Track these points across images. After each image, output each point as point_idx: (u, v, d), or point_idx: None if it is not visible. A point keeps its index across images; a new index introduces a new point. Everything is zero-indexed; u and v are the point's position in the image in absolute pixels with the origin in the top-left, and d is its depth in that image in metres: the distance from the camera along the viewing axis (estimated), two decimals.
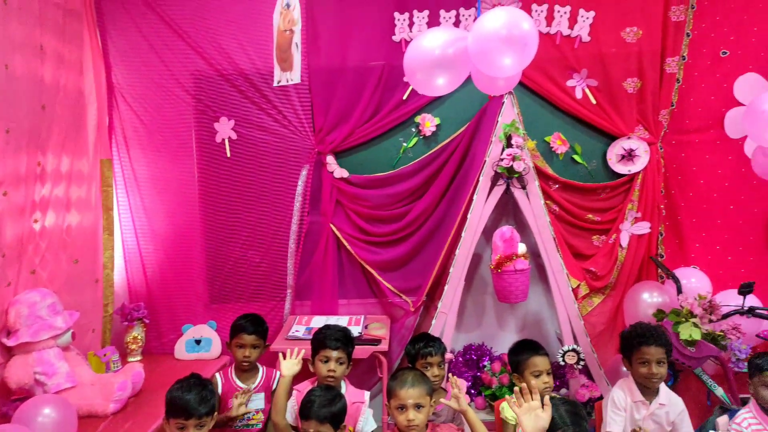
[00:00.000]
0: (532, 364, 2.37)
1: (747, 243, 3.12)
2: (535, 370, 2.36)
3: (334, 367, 2.33)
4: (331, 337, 2.37)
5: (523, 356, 2.42)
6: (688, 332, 2.64)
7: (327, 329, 2.44)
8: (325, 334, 2.40)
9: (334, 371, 2.32)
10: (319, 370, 2.35)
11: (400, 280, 3.16)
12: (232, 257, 3.17)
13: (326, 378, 2.33)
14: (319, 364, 2.36)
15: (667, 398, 2.36)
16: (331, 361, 2.33)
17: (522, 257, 2.80)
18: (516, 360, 2.46)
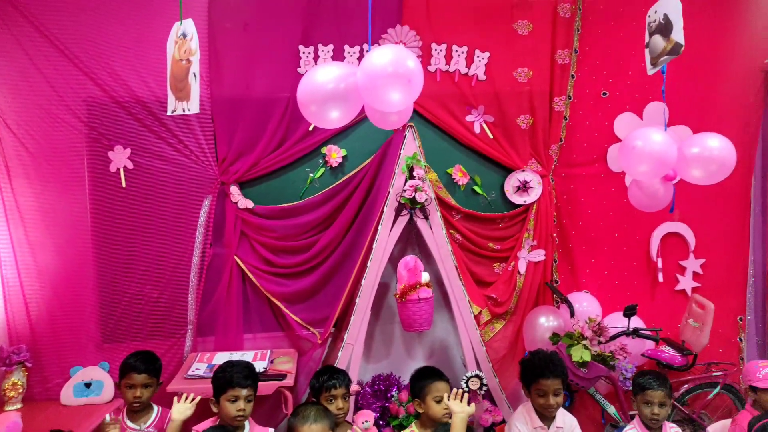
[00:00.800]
0: (435, 389, 2.41)
1: (631, 268, 3.38)
2: (437, 395, 2.40)
3: (244, 405, 2.24)
4: (239, 374, 2.27)
5: (425, 382, 2.45)
6: (579, 354, 2.79)
7: (231, 366, 2.33)
8: (232, 372, 2.29)
9: (244, 410, 2.23)
10: (228, 411, 2.23)
11: (308, 311, 3.12)
12: (129, 293, 3.00)
13: (236, 418, 2.23)
14: (227, 404, 2.24)
15: (562, 420, 2.48)
16: (240, 400, 2.24)
17: (425, 286, 2.86)
18: (418, 386, 2.48)
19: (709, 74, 3.29)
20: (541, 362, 2.45)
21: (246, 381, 2.27)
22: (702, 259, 3.37)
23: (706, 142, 2.28)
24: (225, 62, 2.97)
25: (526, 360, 2.55)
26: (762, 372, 2.63)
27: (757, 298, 3.45)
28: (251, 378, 2.30)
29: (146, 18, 2.84)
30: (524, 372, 2.51)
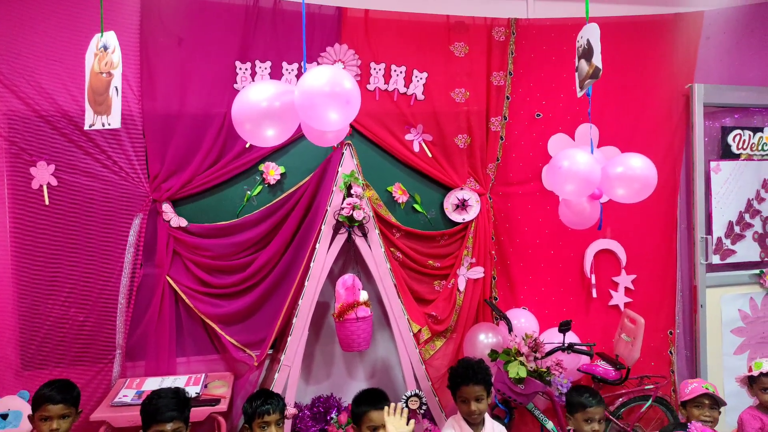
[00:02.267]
0: (368, 419, 2.40)
1: (566, 284, 3.46)
2: (370, 425, 2.38)
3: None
4: (164, 407, 2.15)
5: (361, 409, 2.44)
6: (515, 371, 2.82)
7: (158, 398, 2.20)
8: (157, 405, 2.17)
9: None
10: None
11: (244, 333, 3.03)
12: (52, 317, 2.83)
13: None
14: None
15: (491, 426, 2.52)
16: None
17: (364, 305, 2.84)
18: (355, 412, 2.47)
19: (636, 98, 3.45)
20: (463, 370, 2.51)
21: (171, 414, 2.15)
22: (633, 275, 3.49)
23: (629, 161, 2.37)
24: (158, 77, 2.90)
25: (452, 368, 2.60)
26: (689, 387, 2.67)
27: (685, 312, 3.59)
28: (176, 409, 2.18)
29: (74, 29, 2.74)
30: (450, 380, 2.57)
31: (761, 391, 2.62)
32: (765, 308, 3.64)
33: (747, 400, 2.78)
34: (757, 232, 3.64)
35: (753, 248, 3.62)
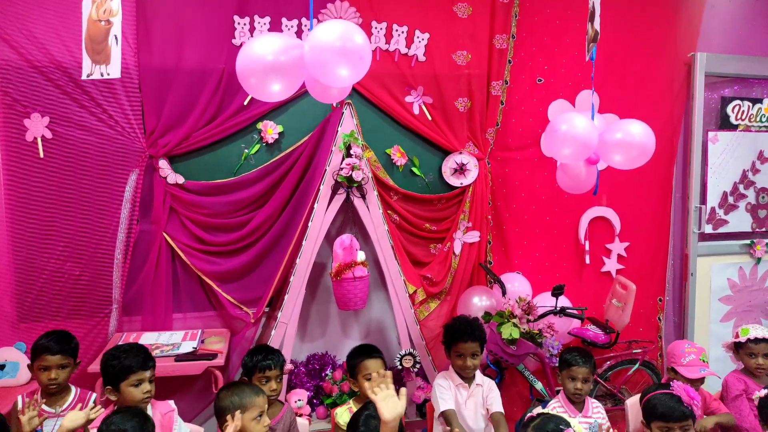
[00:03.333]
0: (364, 367, 2.45)
1: (561, 250, 3.50)
2: (366, 372, 2.43)
3: (150, 387, 2.16)
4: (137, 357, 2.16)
5: (356, 360, 2.49)
6: (509, 332, 2.87)
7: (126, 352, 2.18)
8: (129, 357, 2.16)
9: (150, 391, 2.16)
10: (133, 396, 2.13)
11: (241, 291, 3.05)
12: (48, 270, 2.83)
13: (143, 401, 2.14)
14: (131, 389, 2.13)
15: (481, 379, 2.63)
16: (145, 382, 2.14)
17: (361, 265, 2.86)
18: (351, 364, 2.52)
19: (638, 66, 3.43)
20: (460, 326, 2.58)
21: (147, 363, 2.18)
22: (626, 243, 3.53)
23: (628, 127, 2.38)
24: (155, 29, 2.83)
25: (449, 324, 2.67)
26: (687, 358, 2.66)
27: (675, 280, 3.65)
28: (150, 358, 2.21)
29: None
30: (446, 335, 2.63)
31: (747, 356, 2.69)
32: (753, 277, 3.71)
33: (731, 366, 2.85)
34: (750, 203, 3.68)
35: (745, 219, 3.67)
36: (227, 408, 1.99)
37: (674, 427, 2.03)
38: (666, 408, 2.04)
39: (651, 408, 2.09)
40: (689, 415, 2.04)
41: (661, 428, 2.06)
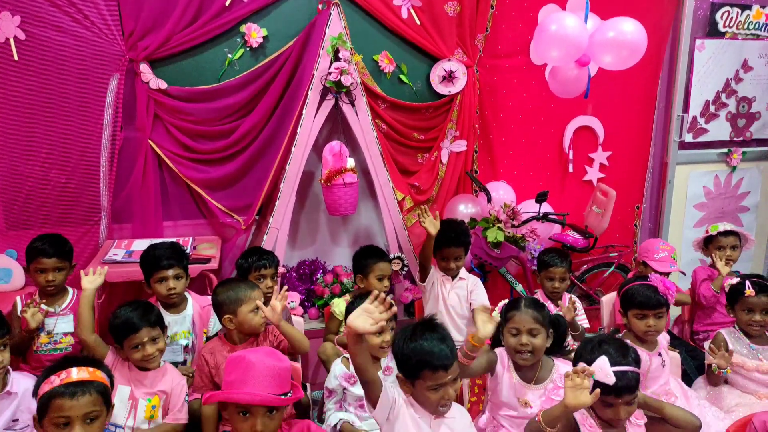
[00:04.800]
0: (378, 268, 2.61)
1: (545, 159, 3.56)
2: (379, 274, 2.60)
3: (174, 284, 2.30)
4: (162, 256, 2.31)
5: (370, 260, 2.64)
6: (494, 235, 2.97)
7: (155, 248, 2.37)
8: (155, 254, 2.33)
9: (174, 288, 2.30)
10: (159, 291, 2.30)
11: (230, 198, 3.06)
12: (32, 177, 2.79)
13: (168, 297, 2.31)
14: (156, 285, 2.31)
15: (465, 275, 2.78)
16: (168, 279, 2.30)
17: (351, 171, 2.88)
18: (363, 263, 2.66)
19: None
20: (446, 232, 2.68)
21: (170, 261, 2.30)
22: (609, 152, 3.60)
23: (620, 26, 2.35)
24: None
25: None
26: (660, 254, 2.87)
27: (653, 187, 3.77)
28: (175, 258, 2.32)
29: None
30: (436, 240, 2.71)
31: (716, 250, 2.85)
32: (727, 185, 3.85)
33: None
34: (730, 112, 3.74)
35: (725, 128, 3.74)
36: (224, 303, 2.07)
37: (649, 314, 2.18)
38: (643, 297, 2.18)
39: (629, 297, 2.23)
40: (664, 303, 2.19)
41: (637, 315, 2.21)
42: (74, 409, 1.41)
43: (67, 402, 1.41)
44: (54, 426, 1.40)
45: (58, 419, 1.40)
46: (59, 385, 1.42)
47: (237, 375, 1.44)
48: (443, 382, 1.56)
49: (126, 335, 1.90)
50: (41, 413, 1.43)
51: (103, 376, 1.50)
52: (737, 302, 2.31)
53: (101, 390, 1.47)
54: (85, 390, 1.43)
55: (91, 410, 1.43)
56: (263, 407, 1.43)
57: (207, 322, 2.44)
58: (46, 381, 1.44)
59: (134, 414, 1.89)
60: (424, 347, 1.58)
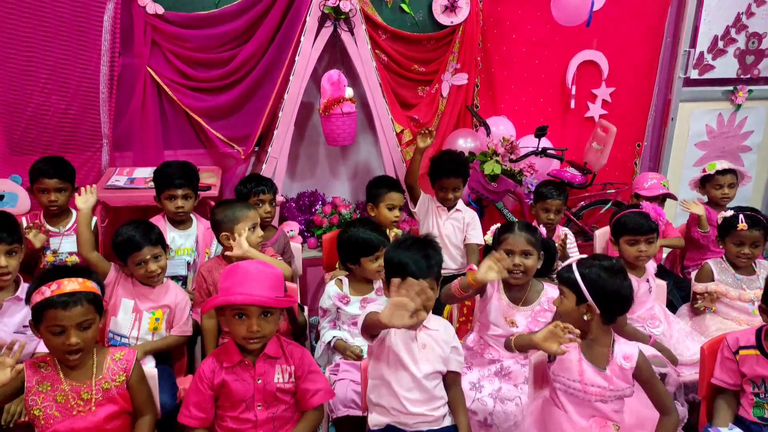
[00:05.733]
0: (389, 198, 2.63)
1: (547, 95, 3.53)
2: (390, 203, 2.62)
3: (182, 203, 2.42)
4: (173, 175, 2.42)
5: (382, 189, 2.65)
6: (491, 168, 2.99)
7: (168, 167, 2.47)
8: (167, 172, 2.43)
9: (182, 207, 2.42)
10: (168, 208, 2.42)
11: (230, 128, 3.07)
12: (33, 103, 2.80)
13: (176, 214, 2.43)
14: (166, 202, 2.43)
15: (462, 207, 2.82)
16: (177, 198, 2.41)
17: (349, 101, 2.87)
18: (375, 192, 2.68)
19: None
20: (445, 162, 2.71)
21: (180, 181, 2.40)
22: (612, 88, 3.55)
23: None
24: None
25: (435, 157, 2.78)
26: (649, 182, 2.95)
27: (655, 125, 3.74)
28: (185, 178, 2.42)
29: None
30: (431, 168, 2.76)
31: (713, 189, 2.87)
32: (730, 124, 3.81)
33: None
34: (738, 49, 3.66)
35: (732, 65, 3.67)
36: (222, 221, 2.12)
37: (640, 239, 2.23)
38: (635, 223, 2.23)
39: (621, 224, 2.27)
40: (654, 229, 2.24)
41: (629, 241, 2.25)
42: (67, 319, 1.46)
43: (60, 312, 1.46)
44: (50, 333, 1.47)
45: (53, 327, 1.47)
46: (51, 296, 1.46)
47: (232, 281, 1.51)
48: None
49: (129, 253, 1.96)
50: (37, 319, 1.50)
51: (94, 286, 1.55)
52: (728, 234, 2.35)
53: (92, 299, 1.52)
54: (77, 301, 1.48)
55: (84, 319, 1.49)
56: (258, 309, 1.49)
57: (210, 244, 2.52)
58: (37, 291, 1.49)
59: (138, 326, 1.98)
60: (404, 256, 1.64)
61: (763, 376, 1.67)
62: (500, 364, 2.01)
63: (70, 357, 1.49)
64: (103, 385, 1.53)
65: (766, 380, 1.67)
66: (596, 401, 1.63)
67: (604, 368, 1.63)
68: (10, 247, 1.91)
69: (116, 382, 1.55)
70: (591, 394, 1.63)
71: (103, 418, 1.51)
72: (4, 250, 1.88)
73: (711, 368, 1.78)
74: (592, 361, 1.64)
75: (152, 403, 1.64)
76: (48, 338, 1.49)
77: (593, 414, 1.65)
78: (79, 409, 1.49)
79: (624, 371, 1.62)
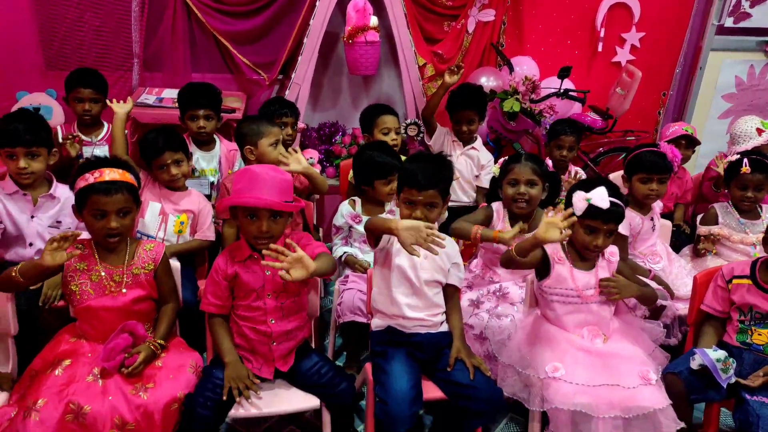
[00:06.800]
0: (381, 122, 2.63)
1: (575, 37, 3.48)
2: (384, 127, 2.62)
3: (204, 123, 2.47)
4: (196, 96, 2.47)
5: (374, 115, 2.67)
6: (510, 105, 3.01)
7: (191, 87, 2.52)
8: (191, 92, 2.49)
9: (204, 127, 2.48)
10: (190, 127, 2.48)
11: (255, 54, 3.14)
12: (68, 18, 2.91)
13: (198, 134, 2.49)
14: (188, 122, 2.49)
15: (480, 147, 2.84)
16: (199, 119, 2.47)
17: (373, 30, 2.90)
18: (368, 120, 2.69)
19: None
20: (462, 94, 2.74)
21: (202, 100, 2.46)
22: (642, 33, 3.49)
23: None
24: None
25: (454, 90, 2.80)
26: (671, 129, 2.93)
27: (683, 75, 3.68)
28: (206, 97, 2.48)
29: None
30: (449, 101, 2.79)
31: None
32: (762, 77, 3.72)
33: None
34: None
35: None
36: (246, 134, 2.22)
37: (654, 178, 2.25)
38: (651, 161, 2.25)
39: (637, 161, 2.29)
40: (669, 169, 2.27)
41: (642, 179, 2.27)
42: (109, 204, 1.60)
43: (103, 198, 1.59)
44: (92, 217, 1.61)
45: (95, 211, 1.60)
46: (94, 182, 1.60)
47: (244, 183, 1.61)
48: (414, 199, 1.70)
49: (153, 157, 2.08)
50: (80, 204, 1.63)
51: (132, 178, 1.68)
52: (733, 178, 2.37)
53: (130, 188, 1.66)
54: (118, 188, 1.61)
55: (124, 206, 1.62)
56: (268, 211, 1.59)
57: (233, 165, 2.63)
58: (81, 177, 1.62)
59: (164, 227, 2.13)
60: (414, 166, 1.72)
61: (752, 304, 1.74)
62: (499, 285, 2.12)
63: (110, 240, 1.63)
64: (133, 270, 1.68)
65: (753, 308, 1.74)
66: (592, 303, 1.78)
67: (592, 269, 1.79)
68: (29, 149, 1.95)
69: (145, 269, 1.69)
70: (586, 298, 1.76)
71: (131, 299, 1.66)
72: (23, 152, 1.94)
73: (702, 296, 1.85)
74: (581, 269, 1.78)
75: (176, 293, 1.79)
76: (90, 221, 1.62)
77: (587, 323, 1.77)
78: (111, 290, 1.65)
79: (611, 264, 1.81)
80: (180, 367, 1.62)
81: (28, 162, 1.95)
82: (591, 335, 1.77)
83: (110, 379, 1.52)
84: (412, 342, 1.75)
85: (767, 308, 1.72)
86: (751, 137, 2.76)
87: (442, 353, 1.74)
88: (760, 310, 1.73)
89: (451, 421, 1.80)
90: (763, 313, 1.73)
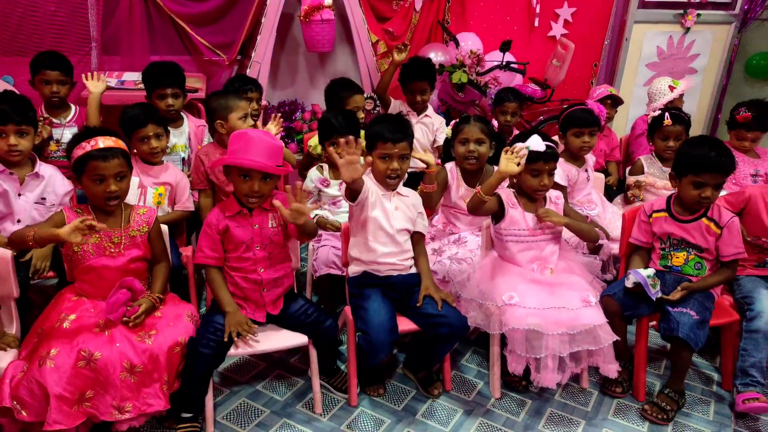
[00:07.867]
0: (353, 101, 2.76)
1: (513, 13, 3.77)
2: (355, 106, 2.77)
3: (172, 101, 2.56)
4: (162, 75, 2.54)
5: (345, 93, 2.77)
6: (458, 77, 3.25)
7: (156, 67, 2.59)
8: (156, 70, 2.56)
9: (172, 105, 2.56)
10: (159, 106, 2.54)
11: (214, 35, 3.25)
12: (21, 4, 2.92)
13: (168, 113, 2.55)
14: (157, 101, 2.55)
15: (432, 114, 3.06)
16: (167, 97, 2.55)
17: (328, 8, 3.06)
18: (338, 97, 2.79)
19: None
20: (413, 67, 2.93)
21: (168, 79, 2.54)
22: (573, 8, 3.80)
23: None
24: None
25: (405, 64, 2.98)
26: (597, 91, 3.27)
27: (611, 47, 4.03)
28: (172, 76, 2.57)
29: None
30: (401, 74, 2.98)
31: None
32: (680, 46, 4.12)
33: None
34: None
35: None
36: (216, 109, 2.36)
37: (585, 131, 2.57)
38: (580, 117, 2.56)
39: (569, 118, 2.60)
40: (597, 123, 2.59)
41: (575, 133, 2.59)
42: (107, 169, 1.71)
43: (101, 163, 1.71)
44: (92, 181, 1.73)
45: (95, 176, 1.72)
46: (91, 150, 1.71)
47: (239, 145, 1.76)
48: (389, 153, 1.91)
49: (135, 129, 2.19)
50: (79, 171, 1.75)
51: (123, 144, 1.80)
52: (656, 131, 2.70)
53: (124, 154, 1.78)
54: (114, 154, 1.73)
55: (120, 170, 1.75)
56: (260, 173, 1.76)
57: (201, 140, 2.74)
58: (78, 147, 1.73)
59: (144, 199, 2.24)
60: (383, 125, 1.93)
61: (669, 232, 2.05)
62: (458, 235, 2.36)
63: (110, 203, 1.76)
64: (130, 232, 1.81)
65: (671, 236, 2.05)
66: (541, 241, 2.05)
67: None
68: (19, 127, 2.04)
69: (140, 232, 1.83)
70: (536, 236, 2.04)
71: (128, 259, 1.79)
72: (13, 130, 2.02)
73: (629, 231, 2.15)
74: (531, 212, 2.06)
75: (167, 254, 1.93)
76: (89, 186, 1.74)
77: (536, 258, 2.04)
78: (111, 251, 1.77)
79: (557, 206, 2.09)
80: (178, 317, 1.78)
81: (17, 140, 2.03)
82: (540, 268, 2.04)
83: (115, 329, 1.67)
84: (386, 283, 1.97)
85: (681, 234, 2.03)
86: (664, 94, 3.13)
87: (413, 291, 1.97)
88: (675, 236, 2.05)
89: (422, 352, 2.03)
90: (678, 239, 2.04)
